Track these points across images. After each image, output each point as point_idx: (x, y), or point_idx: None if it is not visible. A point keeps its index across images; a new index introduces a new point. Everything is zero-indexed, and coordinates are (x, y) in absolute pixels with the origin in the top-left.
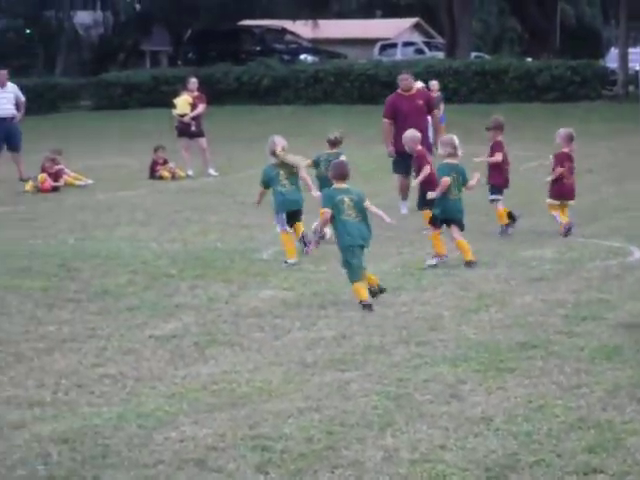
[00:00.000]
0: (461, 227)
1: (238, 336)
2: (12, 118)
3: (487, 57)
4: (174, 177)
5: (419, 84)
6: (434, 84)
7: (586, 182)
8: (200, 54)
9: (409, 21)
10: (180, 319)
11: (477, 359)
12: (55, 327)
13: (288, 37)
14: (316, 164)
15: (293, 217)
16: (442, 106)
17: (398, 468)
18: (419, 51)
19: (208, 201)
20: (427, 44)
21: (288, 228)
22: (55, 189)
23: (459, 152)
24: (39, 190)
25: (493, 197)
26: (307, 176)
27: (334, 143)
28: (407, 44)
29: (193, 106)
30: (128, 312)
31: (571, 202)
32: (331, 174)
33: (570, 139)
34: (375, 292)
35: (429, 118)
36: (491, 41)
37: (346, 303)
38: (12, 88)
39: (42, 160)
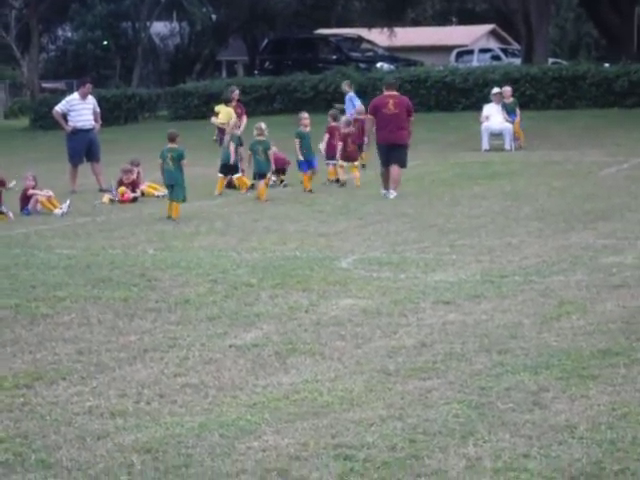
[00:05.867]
0: None
1: (319, 345)
2: (92, 129)
3: (564, 63)
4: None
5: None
6: (507, 90)
7: None
8: (276, 63)
9: (485, 28)
10: (261, 328)
11: (559, 367)
12: (136, 337)
13: (364, 45)
14: (163, 157)
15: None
16: (518, 112)
17: (481, 477)
18: (496, 58)
19: (286, 210)
20: (504, 51)
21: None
22: (134, 200)
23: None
24: (117, 201)
25: None
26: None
27: (172, 139)
28: (483, 51)
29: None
30: (209, 321)
31: None
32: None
33: None
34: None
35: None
36: (568, 47)
37: (426, 310)
38: (91, 100)
39: (120, 172)
